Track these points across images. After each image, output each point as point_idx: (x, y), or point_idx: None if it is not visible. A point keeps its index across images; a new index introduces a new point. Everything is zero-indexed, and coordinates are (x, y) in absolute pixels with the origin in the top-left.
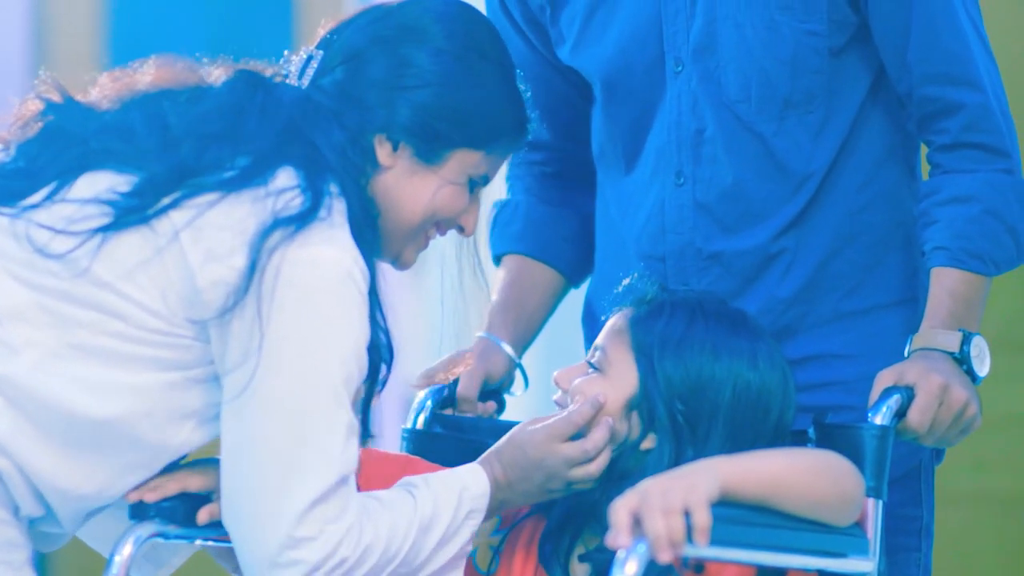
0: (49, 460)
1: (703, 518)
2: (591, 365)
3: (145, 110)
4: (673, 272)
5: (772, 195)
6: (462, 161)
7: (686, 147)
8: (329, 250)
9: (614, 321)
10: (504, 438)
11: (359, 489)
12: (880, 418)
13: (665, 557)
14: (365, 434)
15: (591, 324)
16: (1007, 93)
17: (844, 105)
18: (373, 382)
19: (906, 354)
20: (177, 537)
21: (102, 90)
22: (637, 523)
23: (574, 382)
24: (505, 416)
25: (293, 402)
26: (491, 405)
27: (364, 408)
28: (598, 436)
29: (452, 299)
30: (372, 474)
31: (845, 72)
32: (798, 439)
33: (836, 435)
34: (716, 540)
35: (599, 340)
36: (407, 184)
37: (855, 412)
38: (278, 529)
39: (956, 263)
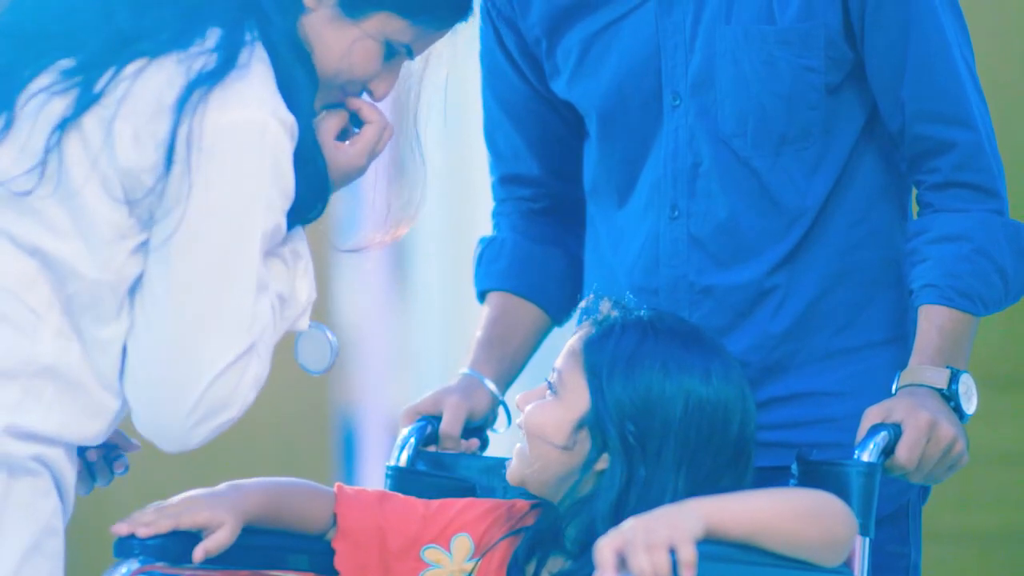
0: (91, 428)
1: (688, 554)
2: (550, 387)
3: None
4: (666, 305)
5: (766, 230)
6: (385, 23)
7: (682, 181)
8: (245, 111)
9: (571, 342)
10: None
11: (334, 532)
12: (867, 455)
13: None
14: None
15: None
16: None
17: (839, 142)
18: (309, 216)
19: (894, 390)
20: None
21: None
22: (622, 562)
23: (526, 408)
24: (488, 453)
25: (211, 266)
26: (474, 442)
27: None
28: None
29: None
30: (346, 511)
31: (841, 109)
32: (781, 476)
33: (822, 472)
34: None
35: (556, 362)
36: (325, 31)
37: (844, 449)
38: (192, 393)
39: (945, 301)
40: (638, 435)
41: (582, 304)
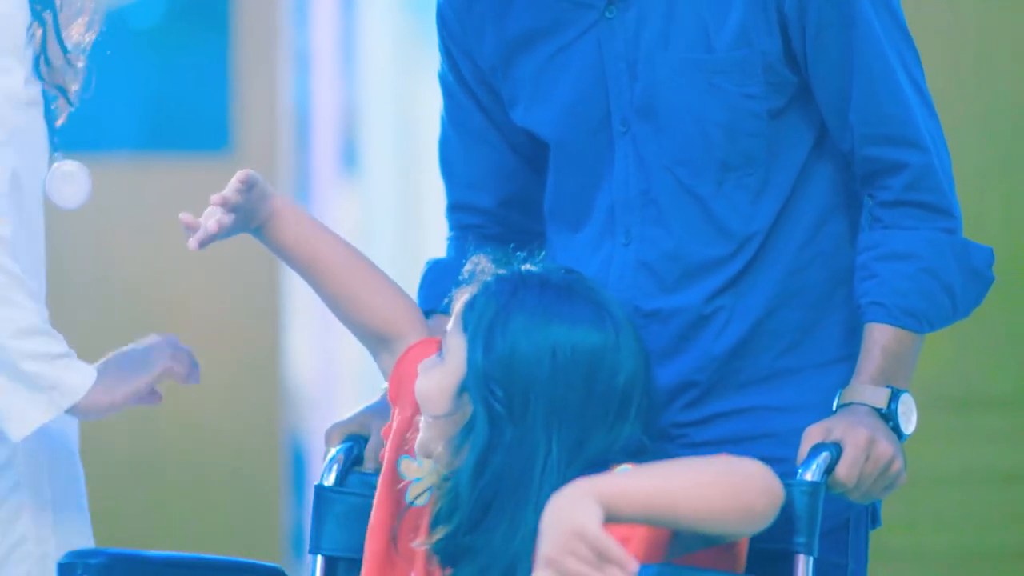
0: None
1: (617, 554)
2: (439, 352)
3: None
4: None
5: (712, 256)
6: None
7: (632, 208)
8: None
9: (456, 305)
10: None
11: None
12: (810, 474)
13: None
14: (45, 65)
15: None
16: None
17: (786, 165)
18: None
19: (834, 408)
20: None
21: None
22: None
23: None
24: None
25: None
26: None
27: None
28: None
29: None
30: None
31: (786, 133)
32: None
33: None
34: None
35: (448, 325)
36: None
37: (788, 464)
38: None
39: (891, 319)
40: (504, 397)
41: (467, 267)
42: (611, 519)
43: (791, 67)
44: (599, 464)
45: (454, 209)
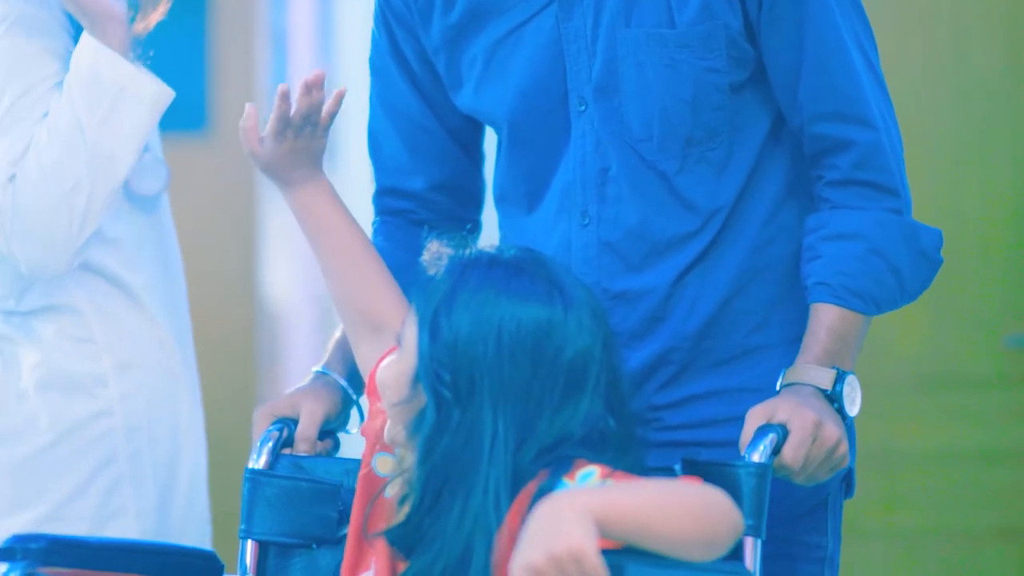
0: None
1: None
2: (398, 341)
3: None
4: None
5: (678, 233)
6: None
7: (591, 186)
8: None
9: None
10: None
11: None
12: (758, 455)
13: None
14: None
15: None
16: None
17: (748, 140)
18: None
19: (778, 387)
20: None
21: None
22: None
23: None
24: (341, 454)
25: None
26: (328, 443)
27: None
28: None
29: None
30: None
31: (748, 106)
32: (665, 476)
33: (712, 473)
34: None
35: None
36: None
37: None
38: None
39: (837, 300)
40: (451, 380)
41: (424, 256)
42: (603, 534)
43: (751, 41)
44: (555, 450)
45: (383, 194)
